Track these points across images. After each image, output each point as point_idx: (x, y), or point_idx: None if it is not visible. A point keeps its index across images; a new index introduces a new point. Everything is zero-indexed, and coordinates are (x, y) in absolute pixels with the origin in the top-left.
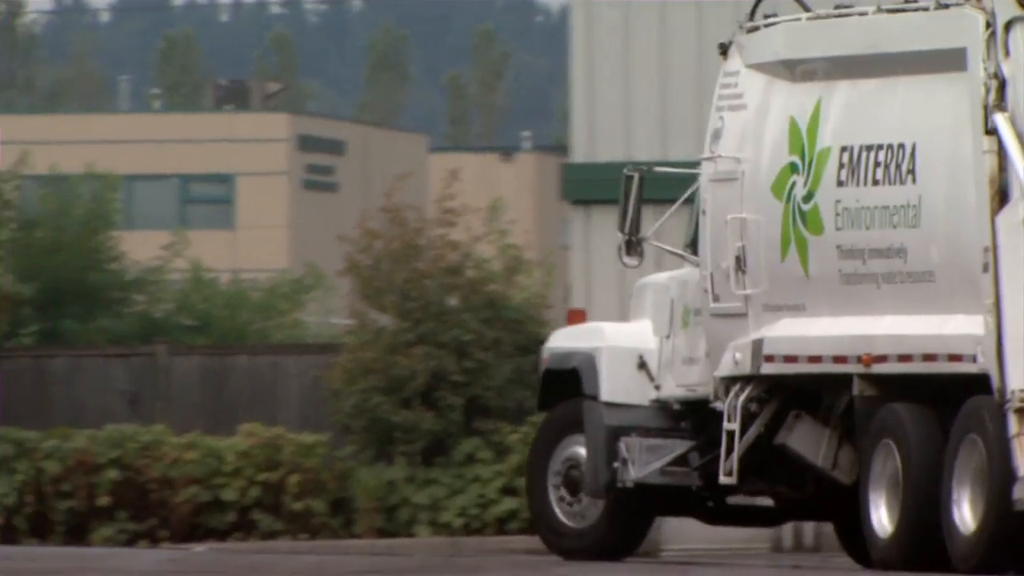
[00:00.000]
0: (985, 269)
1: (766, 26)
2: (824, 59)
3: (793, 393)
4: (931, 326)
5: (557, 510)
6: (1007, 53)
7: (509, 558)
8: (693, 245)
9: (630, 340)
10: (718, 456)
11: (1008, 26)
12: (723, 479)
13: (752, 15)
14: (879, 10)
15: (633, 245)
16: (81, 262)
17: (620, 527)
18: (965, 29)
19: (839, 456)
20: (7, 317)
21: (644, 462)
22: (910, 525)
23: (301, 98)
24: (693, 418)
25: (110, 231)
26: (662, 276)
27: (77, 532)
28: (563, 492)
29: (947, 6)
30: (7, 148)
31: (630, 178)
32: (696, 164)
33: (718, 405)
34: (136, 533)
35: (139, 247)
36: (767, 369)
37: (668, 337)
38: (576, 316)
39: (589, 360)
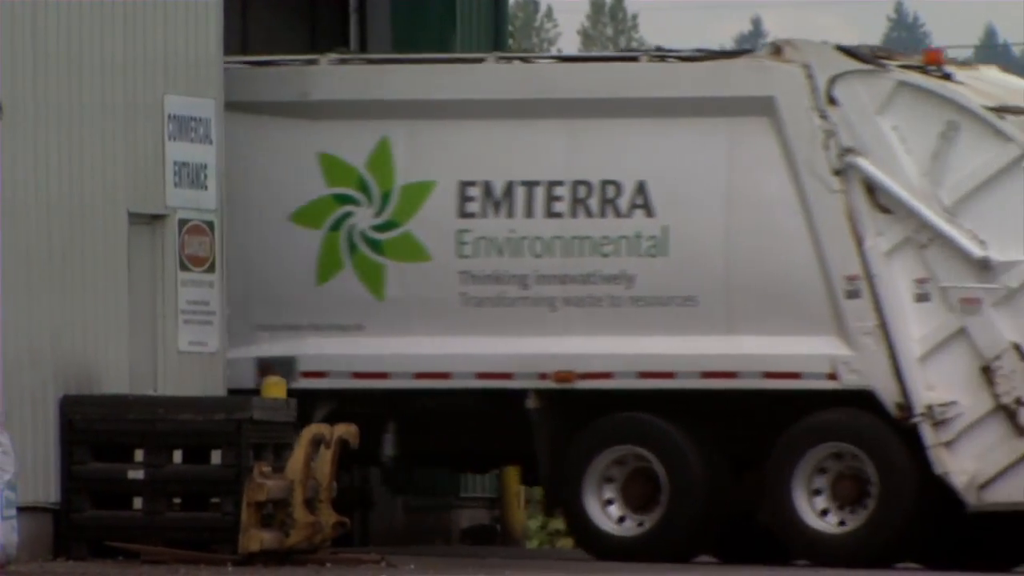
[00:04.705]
0: (853, 295)
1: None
2: (409, 101)
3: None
4: (726, 346)
5: None
6: (832, 102)
7: None
8: None
9: None
10: None
11: (834, 79)
12: None
13: None
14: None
15: None
16: None
17: None
18: (776, 80)
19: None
20: None
21: None
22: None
23: None
24: None
25: None
26: None
27: None
28: None
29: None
30: None
31: None
32: None
33: None
34: None
35: None
36: (312, 384)
37: None
38: None
39: None
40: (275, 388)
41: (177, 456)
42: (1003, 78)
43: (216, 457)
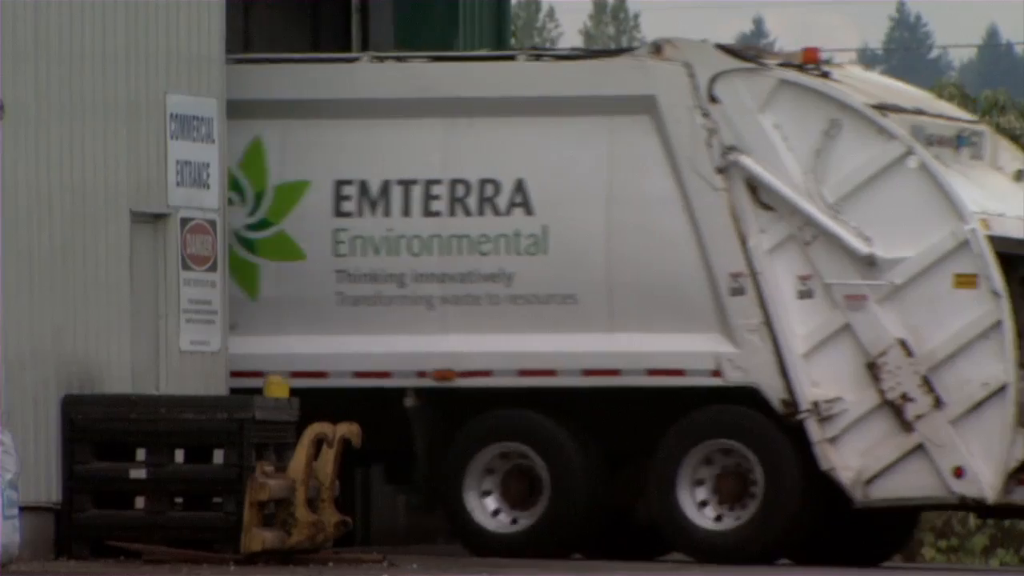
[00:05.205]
0: (738, 292)
1: None
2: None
3: None
4: (611, 343)
5: None
6: (714, 101)
7: None
8: None
9: None
10: None
11: (715, 77)
12: None
13: None
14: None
15: None
16: None
17: None
18: (657, 78)
19: None
20: None
21: None
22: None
23: None
24: None
25: None
26: None
27: None
28: None
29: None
30: None
31: None
32: None
33: None
34: None
35: None
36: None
37: None
38: None
39: None
40: (277, 388)
41: (179, 455)
42: (872, 76)
43: (218, 456)
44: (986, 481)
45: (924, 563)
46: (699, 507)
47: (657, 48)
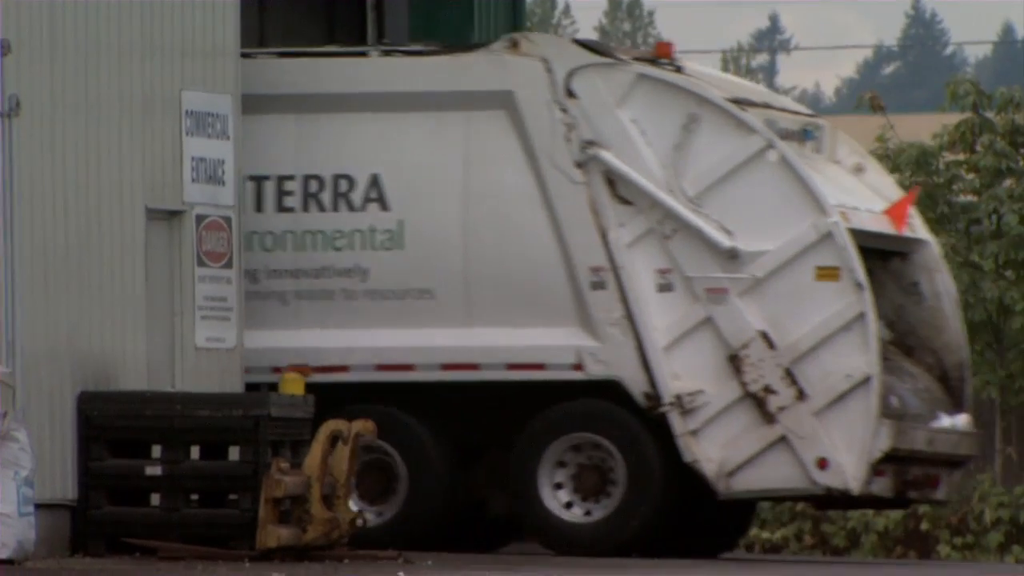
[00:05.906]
0: (599, 287)
1: None
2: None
3: None
4: (465, 338)
5: None
6: (572, 95)
7: None
8: None
9: None
10: None
11: (572, 72)
12: None
13: None
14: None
15: None
16: None
17: None
18: (514, 74)
19: None
20: None
21: None
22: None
23: None
24: None
25: None
26: None
27: None
28: None
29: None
30: None
31: None
32: None
33: None
34: None
35: None
36: None
37: None
38: None
39: None
40: (293, 385)
41: (194, 452)
42: (715, 73)
43: (234, 453)
44: (850, 472)
45: (940, 560)
46: (559, 500)
47: (514, 43)
